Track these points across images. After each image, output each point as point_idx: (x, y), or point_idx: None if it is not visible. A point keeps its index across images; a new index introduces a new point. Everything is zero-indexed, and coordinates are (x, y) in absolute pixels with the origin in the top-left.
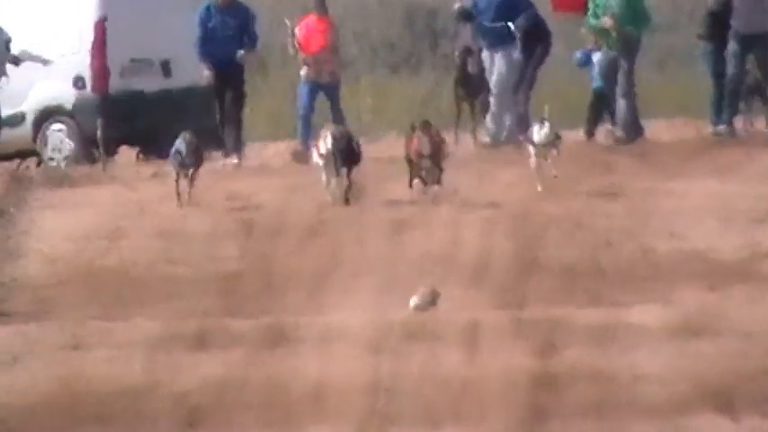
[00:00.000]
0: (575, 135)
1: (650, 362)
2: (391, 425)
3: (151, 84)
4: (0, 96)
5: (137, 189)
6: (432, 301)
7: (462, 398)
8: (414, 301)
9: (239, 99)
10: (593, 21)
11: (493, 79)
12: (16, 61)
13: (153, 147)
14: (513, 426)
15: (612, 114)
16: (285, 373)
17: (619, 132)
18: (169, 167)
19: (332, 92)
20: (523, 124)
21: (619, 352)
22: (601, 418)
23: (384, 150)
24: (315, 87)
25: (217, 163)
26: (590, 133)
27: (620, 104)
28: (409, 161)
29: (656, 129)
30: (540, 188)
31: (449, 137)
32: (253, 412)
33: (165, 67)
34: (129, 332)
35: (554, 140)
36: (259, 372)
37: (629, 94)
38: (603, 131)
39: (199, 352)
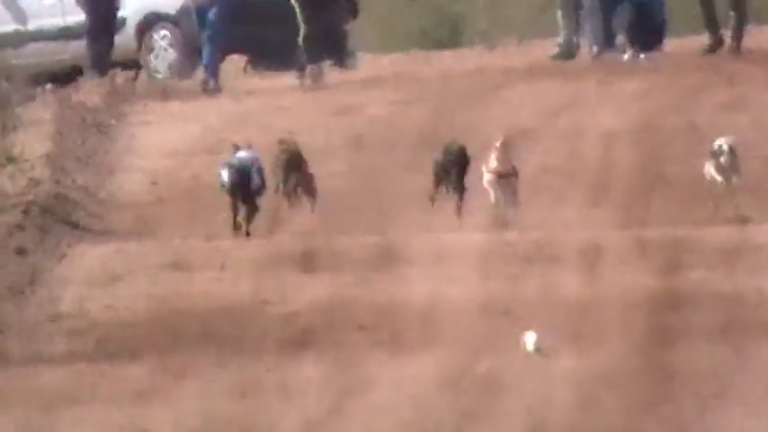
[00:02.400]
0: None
1: None
2: (506, 349)
3: None
4: None
5: (242, 101)
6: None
7: (582, 321)
8: (530, 342)
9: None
10: None
11: None
12: None
13: (261, 56)
14: (635, 349)
15: None
16: (396, 293)
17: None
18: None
19: None
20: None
21: (746, 272)
22: (726, 340)
23: (501, 59)
24: None
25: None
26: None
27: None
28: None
29: None
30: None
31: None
32: (362, 333)
33: None
34: (234, 251)
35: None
36: (367, 292)
37: None
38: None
39: (307, 272)
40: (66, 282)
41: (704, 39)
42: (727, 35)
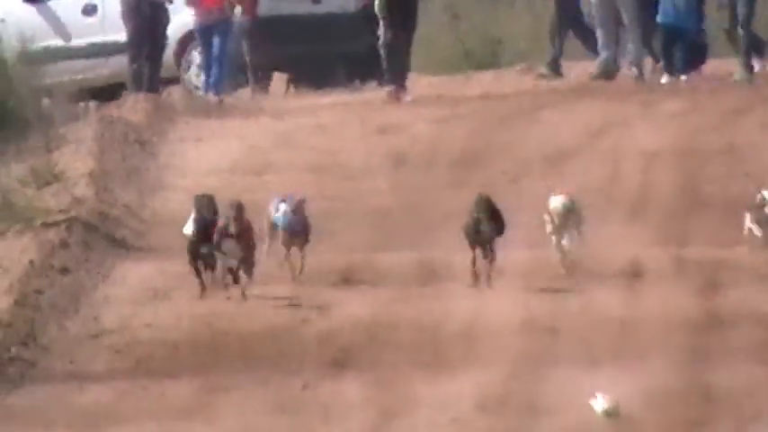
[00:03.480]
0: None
1: None
2: (548, 367)
3: (300, 8)
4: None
5: (285, 120)
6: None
7: (622, 338)
8: (603, 405)
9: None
10: None
11: None
12: None
13: (303, 75)
14: (674, 368)
15: None
16: (438, 310)
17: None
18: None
19: None
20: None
21: None
22: (766, 361)
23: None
24: None
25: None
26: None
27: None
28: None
29: None
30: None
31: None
32: (403, 352)
33: None
34: (275, 270)
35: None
36: (408, 310)
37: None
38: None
39: (347, 289)
40: (109, 300)
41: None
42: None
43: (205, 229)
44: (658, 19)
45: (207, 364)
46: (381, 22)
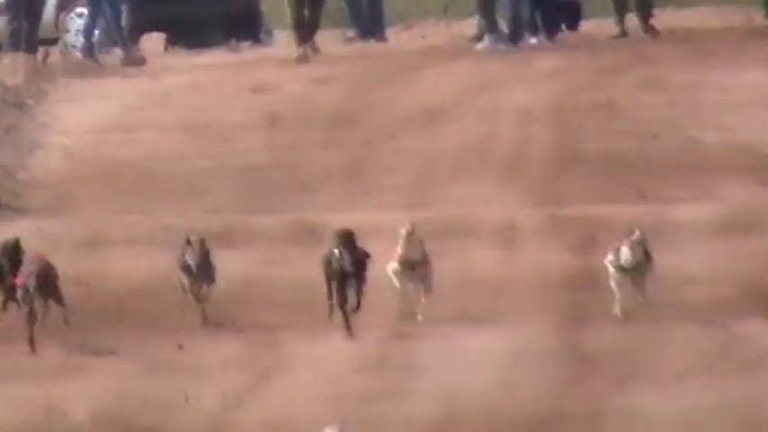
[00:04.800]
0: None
1: (696, 262)
2: (424, 326)
3: None
4: None
5: (161, 80)
6: None
7: (497, 299)
8: None
9: None
10: None
11: None
12: None
13: (181, 35)
14: (549, 326)
15: None
16: (312, 272)
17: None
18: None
19: None
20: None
21: (663, 251)
22: (640, 320)
23: (419, 40)
24: None
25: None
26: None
27: None
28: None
29: (702, 15)
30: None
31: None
32: (278, 313)
33: None
34: (152, 229)
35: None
36: (284, 271)
37: None
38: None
39: (224, 250)
40: None
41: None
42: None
43: None
44: None
45: (82, 325)
46: None
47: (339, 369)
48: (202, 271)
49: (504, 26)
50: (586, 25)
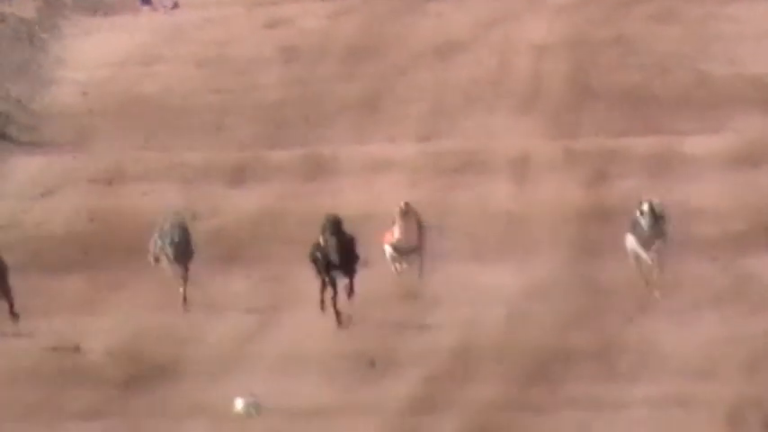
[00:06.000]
0: None
1: (707, 194)
2: (438, 260)
3: None
4: None
5: (174, 14)
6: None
7: (512, 232)
8: (241, 405)
9: None
10: None
11: None
12: None
13: None
14: (563, 259)
15: None
16: (325, 208)
17: None
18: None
19: None
20: None
21: (675, 184)
22: (653, 251)
23: None
24: None
25: None
26: None
27: None
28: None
29: None
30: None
31: None
32: (290, 247)
33: None
34: (167, 165)
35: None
36: (298, 206)
37: None
38: None
39: (238, 186)
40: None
41: None
42: None
43: None
44: None
45: (97, 260)
46: None
47: (352, 301)
48: (181, 252)
49: None
50: None
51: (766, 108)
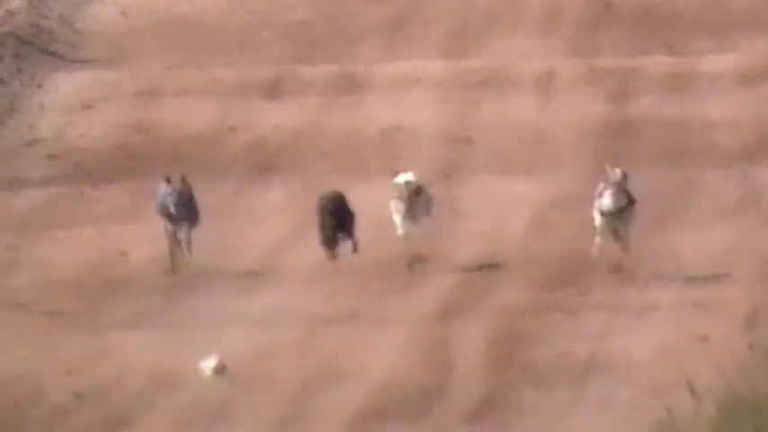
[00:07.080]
0: None
1: (723, 109)
2: (465, 171)
3: None
4: None
5: None
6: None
7: (536, 146)
8: (210, 365)
9: None
10: None
11: None
12: None
13: None
14: (585, 173)
15: None
16: (357, 121)
17: None
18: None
19: None
20: None
21: (690, 100)
22: (673, 164)
23: None
24: None
25: None
26: None
27: None
28: None
29: None
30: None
31: None
32: (325, 159)
33: None
34: (204, 80)
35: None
36: (331, 119)
37: None
38: None
39: (272, 100)
40: (44, 109)
41: None
42: None
43: None
44: None
45: (139, 170)
46: None
47: (384, 210)
48: (183, 212)
49: None
50: None
51: None
